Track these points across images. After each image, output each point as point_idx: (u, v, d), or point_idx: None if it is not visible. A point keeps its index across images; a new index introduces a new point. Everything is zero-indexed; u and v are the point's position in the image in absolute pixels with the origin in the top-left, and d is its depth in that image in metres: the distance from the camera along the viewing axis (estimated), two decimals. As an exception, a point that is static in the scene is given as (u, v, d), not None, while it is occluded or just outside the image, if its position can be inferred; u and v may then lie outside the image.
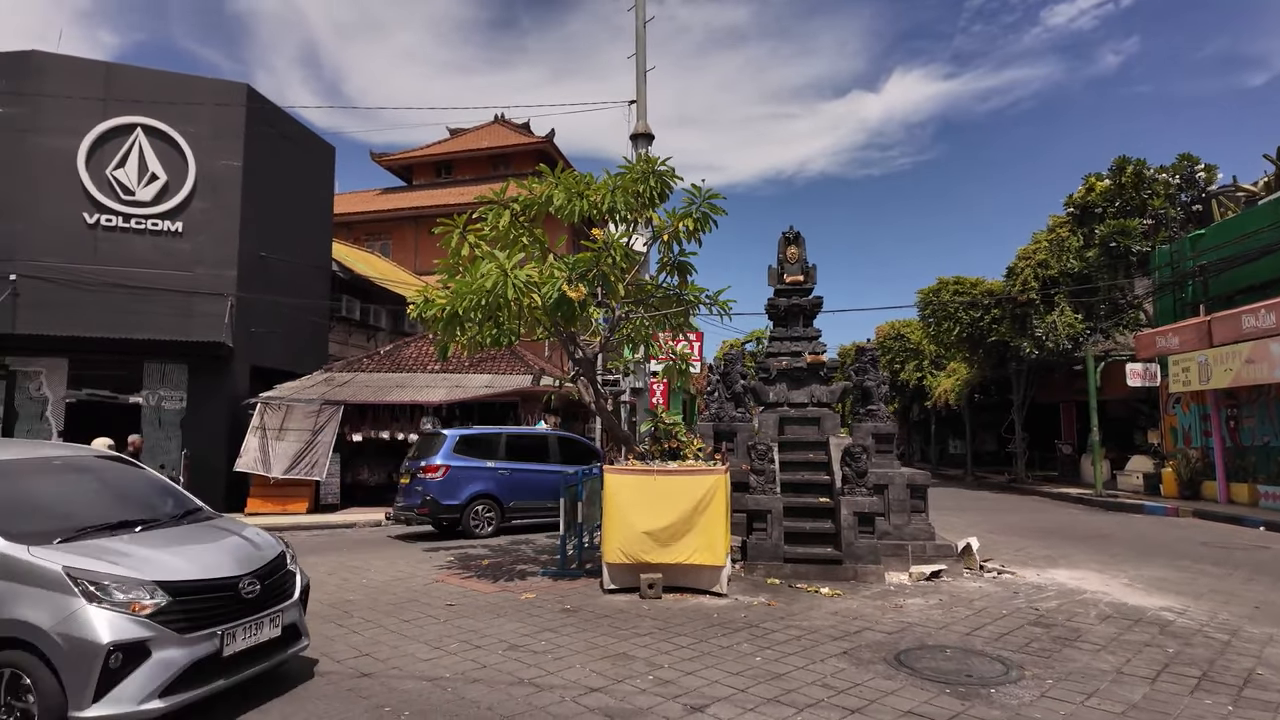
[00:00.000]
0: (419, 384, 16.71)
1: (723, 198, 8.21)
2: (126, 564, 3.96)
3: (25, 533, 4.00)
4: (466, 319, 7.75)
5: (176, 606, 3.93)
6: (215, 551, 4.55)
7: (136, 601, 3.80)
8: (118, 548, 4.16)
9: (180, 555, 4.32)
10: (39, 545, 3.92)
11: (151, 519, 4.80)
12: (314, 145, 19.91)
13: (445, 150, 35.57)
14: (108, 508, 4.77)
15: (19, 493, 4.47)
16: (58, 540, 4.04)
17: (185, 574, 4.10)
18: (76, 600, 3.70)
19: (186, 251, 15.67)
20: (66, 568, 3.79)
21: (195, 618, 4.00)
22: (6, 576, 3.80)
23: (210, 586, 4.16)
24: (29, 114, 14.96)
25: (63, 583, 3.74)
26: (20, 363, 14.93)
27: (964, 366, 26.54)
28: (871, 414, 9.90)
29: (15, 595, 3.75)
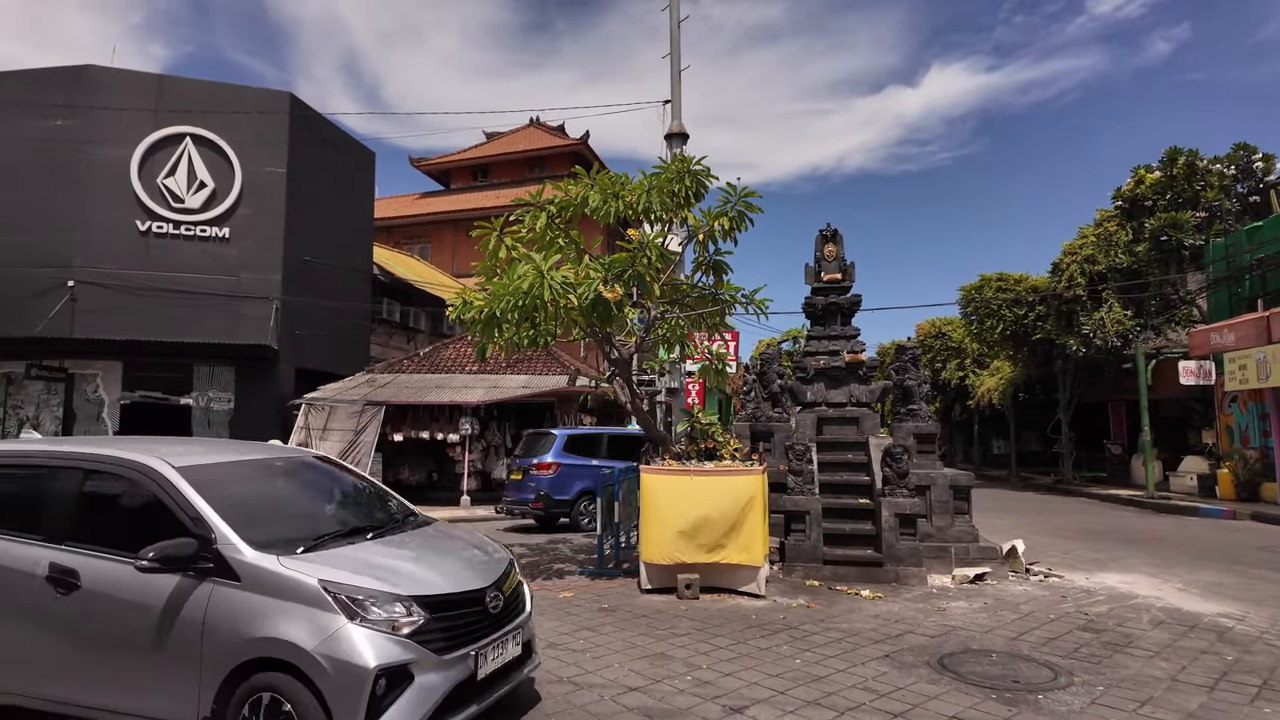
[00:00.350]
0: (457, 385, 16.92)
1: (758, 196, 8.16)
2: (378, 576, 3.59)
3: (269, 541, 3.63)
4: (504, 320, 7.81)
5: (433, 624, 3.54)
6: (455, 561, 4.15)
7: (396, 619, 3.44)
8: (362, 558, 3.79)
9: (424, 566, 3.93)
10: (287, 555, 3.56)
11: (378, 525, 4.40)
12: (355, 151, 20.31)
13: (482, 154, 35.99)
14: (334, 513, 4.46)
15: (253, 498, 4.13)
16: (300, 549, 3.67)
17: (436, 587, 3.70)
18: (337, 618, 3.34)
19: (233, 257, 16.11)
20: (323, 581, 3.42)
21: (451, 637, 3.61)
22: (259, 590, 3.43)
23: (461, 601, 3.75)
24: (85, 126, 15.53)
25: (320, 598, 3.38)
26: (78, 365, 15.50)
27: (1008, 365, 25.96)
28: (913, 414, 9.73)
29: (271, 611, 3.38)
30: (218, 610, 3.42)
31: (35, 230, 15.17)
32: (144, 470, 3.83)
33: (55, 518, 3.93)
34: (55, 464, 4.10)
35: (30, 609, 3.77)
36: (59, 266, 15.11)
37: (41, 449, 4.35)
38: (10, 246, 15.08)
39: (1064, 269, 20.04)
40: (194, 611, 3.45)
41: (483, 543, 4.66)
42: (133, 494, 3.86)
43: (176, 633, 3.46)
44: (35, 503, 4.09)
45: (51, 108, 15.53)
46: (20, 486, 4.23)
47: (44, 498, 4.05)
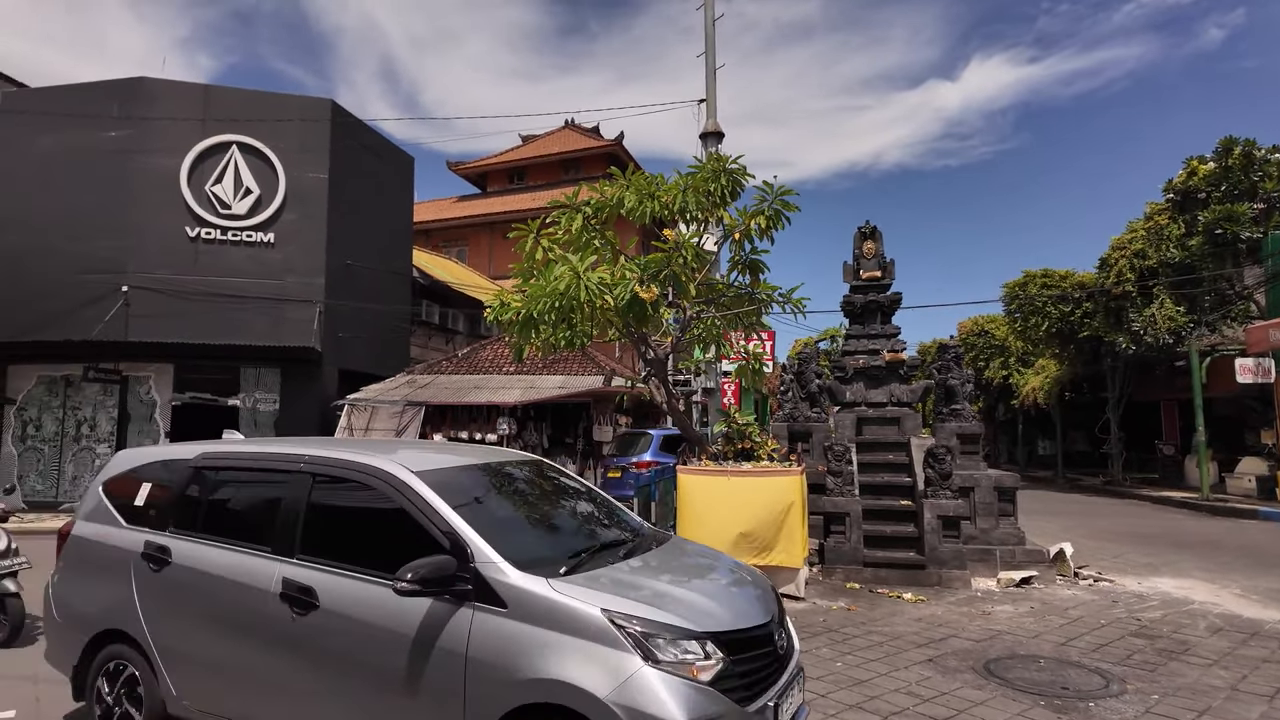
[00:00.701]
0: (495, 385, 17.08)
1: (795, 194, 8.07)
2: (664, 606, 2.94)
3: (530, 560, 3.07)
4: (541, 321, 7.87)
5: (733, 668, 2.89)
6: (730, 588, 3.46)
7: (693, 661, 2.78)
8: (633, 581, 3.17)
9: (702, 594, 3.25)
10: (555, 577, 2.99)
11: (622, 540, 3.74)
12: (394, 156, 20.65)
13: (517, 157, 36.31)
14: (573, 525, 3.90)
15: (496, 508, 3.65)
16: (562, 570, 3.10)
17: (726, 621, 3.03)
18: (630, 658, 2.71)
19: (278, 261, 16.50)
20: (607, 611, 2.80)
21: (751, 684, 2.96)
22: (530, 619, 2.84)
23: (754, 639, 3.09)
24: (138, 136, 16.05)
25: (607, 632, 2.76)
26: (132, 368, 16.03)
27: (1053, 363, 25.33)
28: (955, 413, 9.55)
29: (547, 646, 2.78)
30: (482, 642, 2.87)
31: (92, 238, 15.72)
32: (380, 475, 3.36)
33: (283, 527, 3.51)
34: (279, 467, 3.73)
35: (262, 629, 3.37)
36: (114, 272, 15.64)
37: (260, 451, 4.00)
38: (69, 254, 15.65)
39: (1112, 264, 19.47)
40: (453, 643, 2.91)
41: (737, 563, 3.99)
42: (370, 502, 3.39)
43: (433, 667, 2.95)
44: (260, 510, 3.76)
45: (107, 119, 16.09)
46: (242, 492, 3.95)
47: (269, 505, 3.66)
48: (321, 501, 3.53)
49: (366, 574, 3.19)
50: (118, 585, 3.87)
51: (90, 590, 4.04)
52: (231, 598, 3.47)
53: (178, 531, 3.83)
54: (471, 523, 3.15)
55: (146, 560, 3.81)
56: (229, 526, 3.76)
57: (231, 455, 4.03)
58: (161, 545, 3.81)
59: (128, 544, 3.93)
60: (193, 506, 3.90)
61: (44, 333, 15.17)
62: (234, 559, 3.55)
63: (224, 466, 3.98)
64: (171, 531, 3.85)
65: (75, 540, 4.23)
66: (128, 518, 4.07)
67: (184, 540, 3.77)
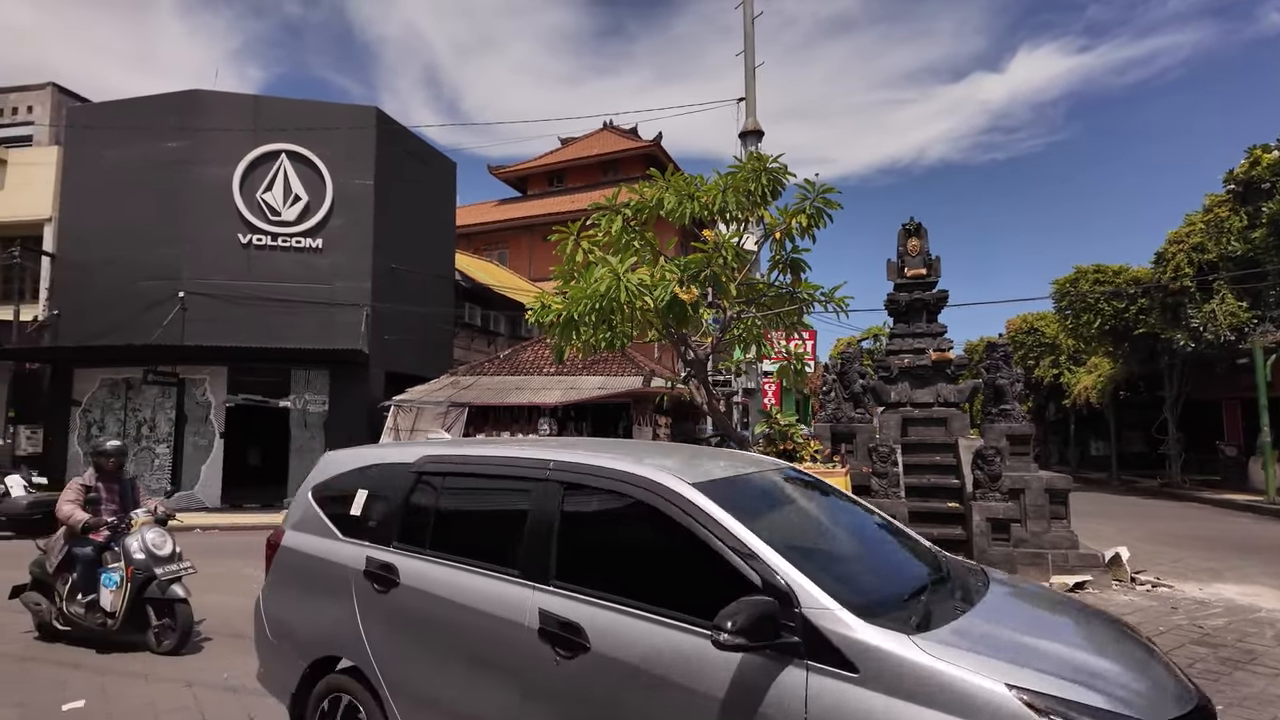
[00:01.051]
0: (535, 386, 17.26)
1: (837, 191, 7.98)
2: (1088, 684, 2.12)
3: (868, 605, 2.35)
4: (581, 323, 7.92)
5: None
6: (1130, 649, 2.58)
7: None
8: (1018, 641, 2.41)
9: (1114, 660, 2.39)
10: (914, 633, 2.23)
11: (943, 575, 2.96)
12: (437, 161, 21.00)
13: (556, 160, 36.59)
14: (886, 559, 3.11)
15: (790, 531, 2.99)
16: (914, 621, 2.35)
17: (1168, 706, 2.20)
18: None
19: (326, 266, 16.92)
20: (1016, 687, 2.01)
21: None
22: (894, 690, 2.10)
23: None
24: (193, 146, 16.63)
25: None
26: (188, 371, 16.60)
27: (1107, 361, 24.56)
28: (1005, 414, 9.33)
29: None
30: (828, 717, 2.14)
31: (151, 246, 16.33)
32: (649, 486, 2.71)
33: (532, 547, 2.89)
34: (519, 474, 3.16)
35: (517, 672, 2.77)
36: (171, 279, 16.22)
37: (495, 454, 3.46)
38: (130, 262, 16.29)
39: (1169, 259, 18.78)
40: (783, 713, 2.20)
41: (1095, 609, 3.17)
42: (638, 519, 2.76)
43: None
44: (500, 525, 3.28)
45: (164, 131, 16.70)
46: (476, 503, 3.43)
47: (511, 519, 3.12)
48: (577, 516, 2.91)
49: (649, 611, 2.50)
50: (338, 606, 3.42)
51: (307, 610, 3.62)
52: (477, 630, 2.92)
53: (403, 547, 3.31)
54: (780, 551, 2.44)
55: (370, 580, 3.32)
56: (464, 543, 3.21)
57: (459, 460, 3.50)
58: (386, 563, 3.29)
59: (346, 559, 3.47)
60: (419, 518, 3.37)
61: (107, 338, 15.81)
62: (475, 583, 2.98)
63: (451, 472, 3.42)
64: (396, 547, 3.33)
65: (287, 552, 3.82)
66: (344, 529, 3.60)
67: (412, 557, 3.24)
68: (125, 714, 4.56)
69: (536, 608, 2.74)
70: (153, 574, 5.71)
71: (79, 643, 5.87)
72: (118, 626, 5.66)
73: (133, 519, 6.03)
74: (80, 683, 5.07)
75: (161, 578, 5.71)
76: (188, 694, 4.85)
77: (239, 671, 4.97)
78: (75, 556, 5.88)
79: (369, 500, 3.58)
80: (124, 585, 5.66)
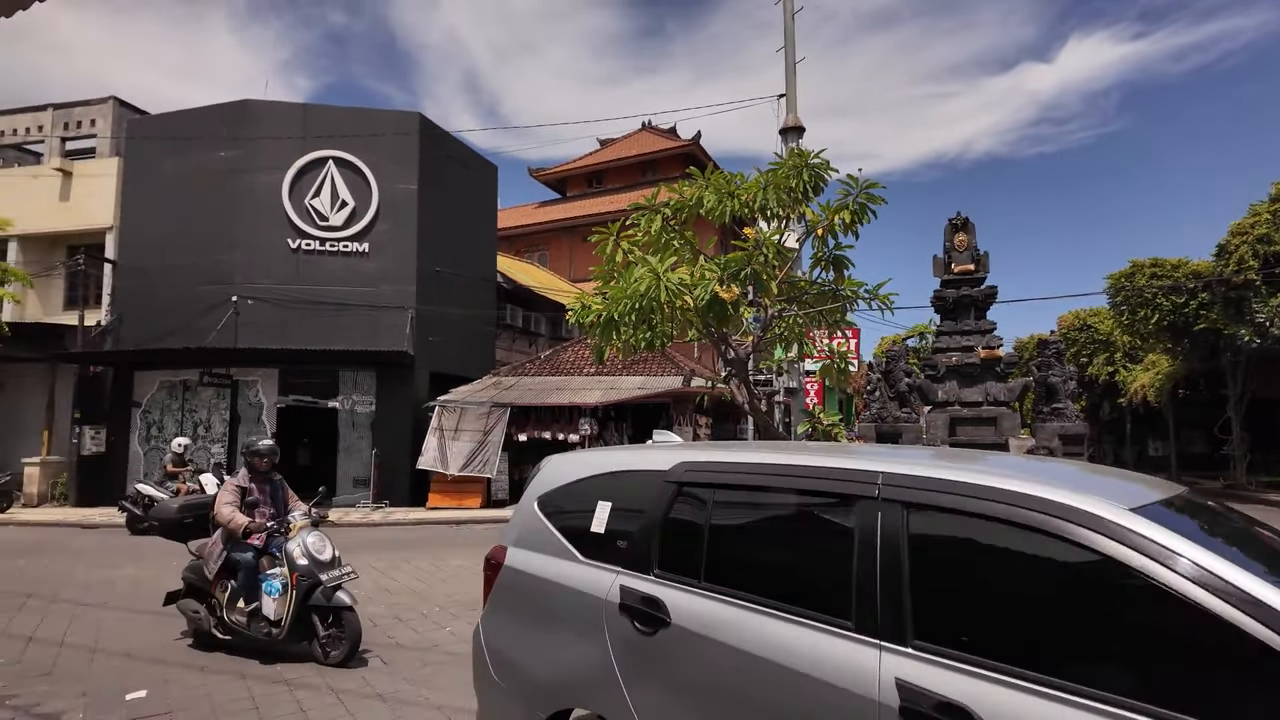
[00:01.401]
0: (576, 386, 17.35)
1: (882, 187, 7.83)
2: None
3: None
4: (621, 323, 7.93)
5: None
6: None
7: None
8: None
9: None
10: None
11: None
12: (478, 165, 21.27)
13: (595, 161, 36.76)
14: None
15: None
16: None
17: None
18: None
19: (372, 270, 17.27)
20: None
21: None
22: None
23: None
24: (244, 155, 17.14)
25: None
26: (242, 373, 17.10)
27: (1165, 358, 23.68)
28: (1057, 413, 9.06)
29: None
30: None
31: (205, 252, 16.89)
32: (1066, 515, 1.93)
33: (868, 589, 2.17)
34: (832, 490, 2.43)
35: None
36: (224, 284, 16.74)
37: (790, 463, 2.64)
38: (187, 267, 16.87)
39: (1232, 251, 18.00)
40: None
41: None
42: (1044, 560, 1.98)
43: None
44: (809, 557, 2.50)
45: (218, 140, 17.25)
46: (767, 523, 2.72)
47: (828, 549, 2.39)
48: (939, 551, 2.17)
49: (1087, 696, 1.73)
50: (584, 646, 2.83)
51: (542, 648, 3.04)
52: (796, 699, 2.20)
53: (668, 576, 2.67)
54: None
55: (628, 616, 2.70)
56: (753, 577, 2.50)
57: (733, 468, 2.79)
58: (650, 596, 2.66)
59: (591, 587, 2.87)
60: (685, 541, 2.70)
61: (166, 341, 16.39)
62: (783, 633, 2.27)
63: (724, 484, 2.74)
64: (659, 576, 2.69)
65: (512, 574, 3.26)
66: (584, 549, 3.01)
67: (684, 591, 2.59)
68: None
69: (892, 678, 2.02)
70: (317, 580, 5.38)
71: (237, 651, 5.59)
72: (283, 636, 5.34)
73: (291, 522, 5.73)
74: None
75: (326, 584, 5.39)
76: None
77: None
78: (236, 562, 5.59)
79: (615, 514, 2.98)
80: (289, 592, 5.35)
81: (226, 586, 5.61)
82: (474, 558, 5.13)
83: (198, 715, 4.44)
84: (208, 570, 5.66)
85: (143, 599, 7.46)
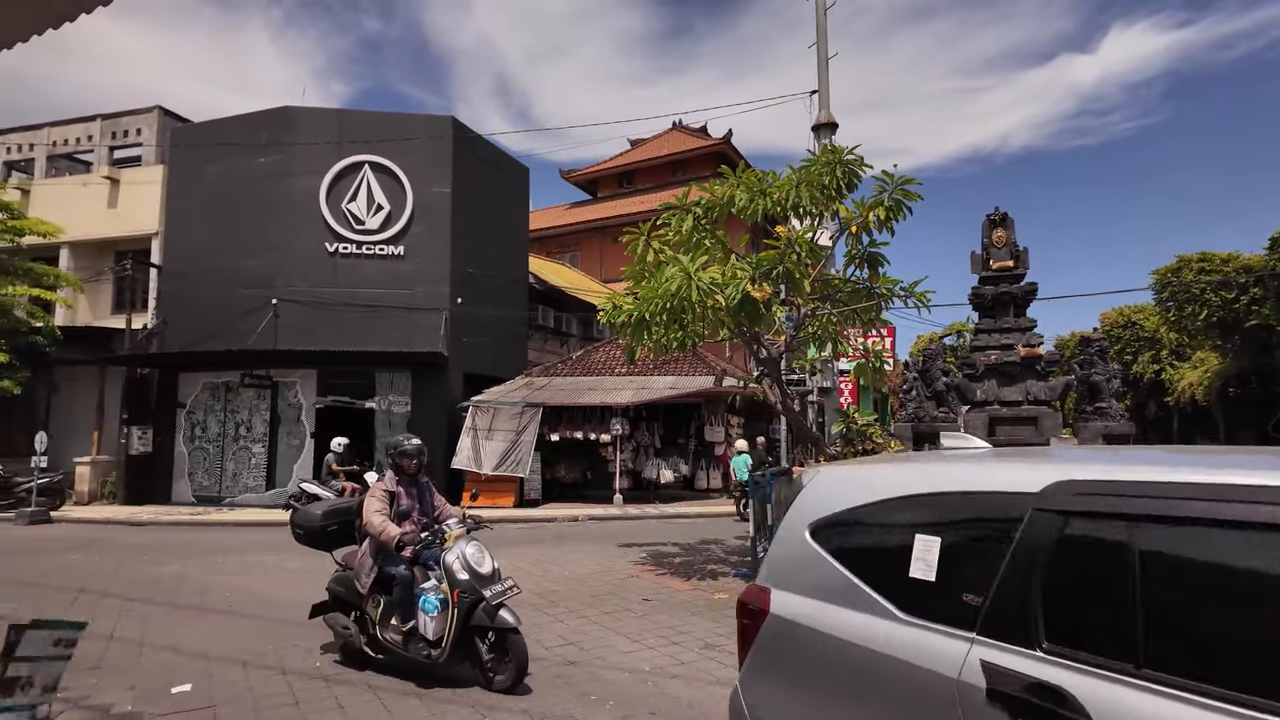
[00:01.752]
0: (607, 386, 17.37)
1: (918, 183, 7.72)
2: None
3: None
4: (652, 323, 7.92)
5: None
6: None
7: None
8: None
9: None
10: None
11: None
12: (510, 167, 21.42)
13: (626, 161, 36.79)
14: None
15: None
16: None
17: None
18: None
19: (407, 272, 17.51)
20: None
21: None
22: None
23: None
24: (283, 160, 17.49)
25: None
26: (281, 374, 17.45)
27: (1214, 356, 22.96)
28: (1101, 412, 8.82)
29: None
30: None
31: (247, 256, 17.28)
32: None
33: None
34: None
35: None
36: (265, 287, 17.11)
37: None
38: (228, 271, 17.28)
39: (1286, 244, 17.39)
40: None
41: None
42: None
43: None
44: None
45: (257, 146, 17.64)
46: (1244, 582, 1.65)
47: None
48: None
49: None
50: None
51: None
52: None
53: (1068, 654, 1.82)
54: None
55: (1005, 710, 1.87)
56: (1237, 665, 1.59)
57: (1174, 492, 1.78)
58: (1046, 685, 1.81)
59: (927, 659, 2.07)
60: (1095, 601, 1.87)
61: (208, 344, 16.80)
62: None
63: (1162, 516, 1.76)
64: (1052, 653, 1.84)
65: (783, 626, 2.54)
66: (903, 602, 2.20)
67: (1110, 682, 1.72)
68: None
69: None
70: (479, 596, 4.77)
71: (392, 671, 5.10)
72: (444, 658, 4.78)
73: (446, 531, 5.08)
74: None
75: (489, 601, 4.77)
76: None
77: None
78: (390, 576, 5.03)
79: (949, 554, 2.14)
80: (450, 610, 4.76)
81: (379, 601, 5.08)
82: (509, 557, 5.12)
83: (240, 709, 4.53)
84: (359, 584, 5.15)
85: (185, 594, 7.66)
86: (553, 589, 7.88)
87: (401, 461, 5.34)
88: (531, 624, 6.30)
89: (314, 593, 7.44)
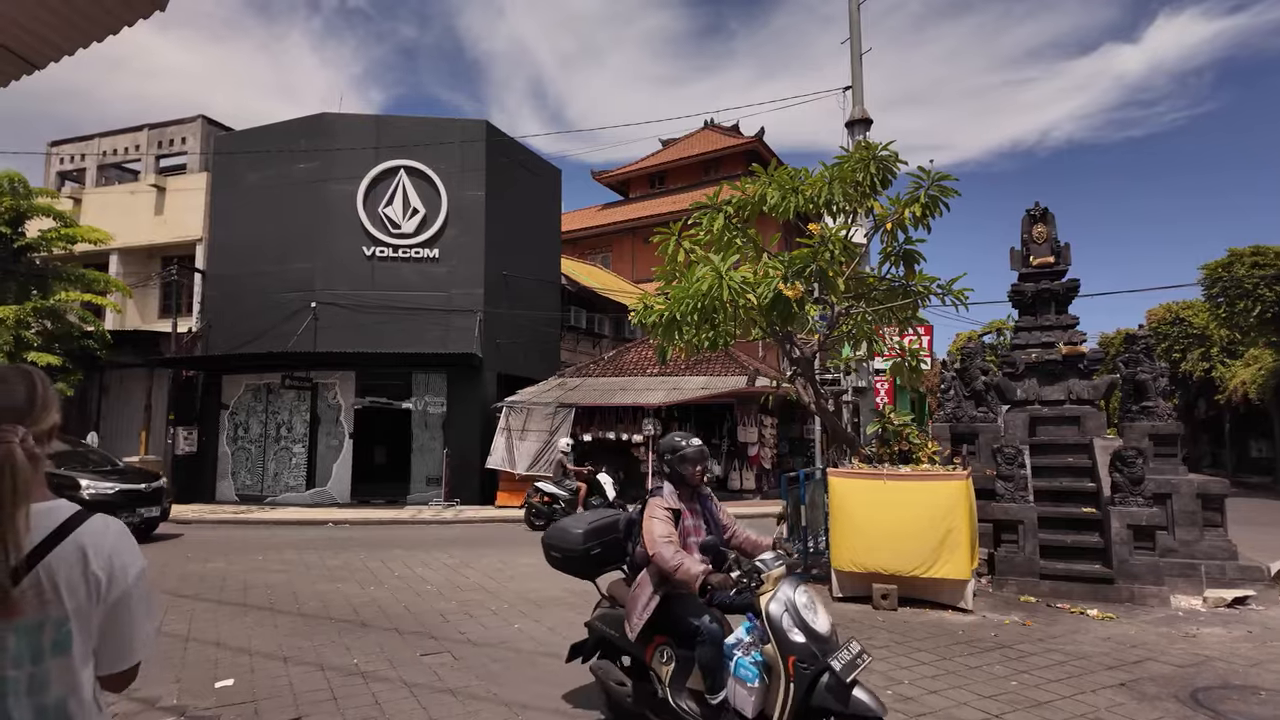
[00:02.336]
0: (639, 387, 17.39)
1: (954, 179, 7.57)
2: None
3: None
4: (684, 323, 7.89)
5: None
6: None
7: None
8: None
9: None
10: None
11: None
12: (543, 170, 21.58)
13: (657, 161, 36.78)
14: None
15: None
16: None
17: None
18: None
19: (442, 275, 17.74)
20: None
21: None
22: None
23: None
24: (322, 166, 17.85)
25: None
26: (320, 376, 17.81)
27: (1268, 353, 22.13)
28: (1147, 411, 8.55)
29: None
30: None
31: (287, 260, 17.69)
32: None
33: None
34: None
35: None
36: (304, 291, 17.49)
37: None
38: (271, 275, 17.71)
39: (1345, 236, 16.68)
40: None
41: None
42: None
43: None
44: None
45: (297, 153, 18.04)
46: None
47: None
48: None
49: None
50: None
51: None
52: None
53: None
54: None
55: None
56: None
57: None
58: None
59: None
60: None
61: (250, 346, 17.23)
62: None
63: None
64: None
65: None
66: None
67: None
68: None
69: None
70: (823, 665, 3.15)
71: None
72: None
73: (762, 569, 3.43)
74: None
75: (839, 675, 3.11)
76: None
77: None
78: (689, 628, 3.56)
79: None
80: (784, 684, 3.20)
81: (668, 655, 3.69)
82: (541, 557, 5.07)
83: (280, 704, 4.62)
84: (630, 627, 3.76)
85: (229, 591, 7.85)
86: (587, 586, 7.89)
87: (683, 469, 3.87)
88: (567, 624, 6.31)
89: (352, 589, 7.52)
